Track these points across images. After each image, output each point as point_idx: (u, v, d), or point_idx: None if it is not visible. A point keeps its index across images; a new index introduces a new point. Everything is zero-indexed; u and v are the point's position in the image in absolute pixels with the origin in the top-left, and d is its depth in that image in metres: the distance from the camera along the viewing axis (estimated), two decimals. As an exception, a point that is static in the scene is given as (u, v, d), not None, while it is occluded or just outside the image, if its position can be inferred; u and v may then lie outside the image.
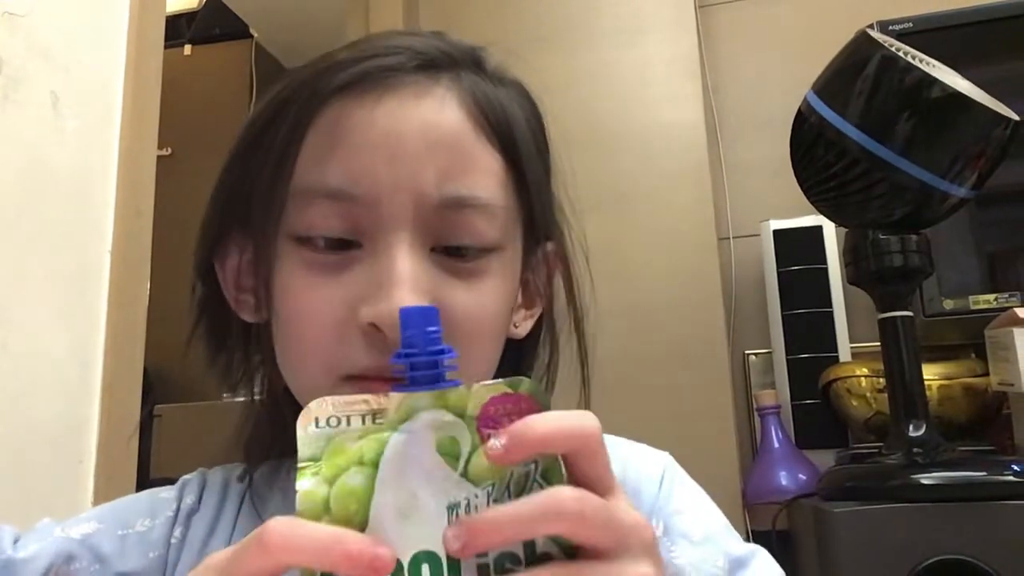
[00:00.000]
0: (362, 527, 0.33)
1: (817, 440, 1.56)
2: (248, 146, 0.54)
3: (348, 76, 0.50)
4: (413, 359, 0.36)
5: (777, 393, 1.62)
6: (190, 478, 0.61)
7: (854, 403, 1.42)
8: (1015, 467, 1.02)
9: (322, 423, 0.35)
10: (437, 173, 0.49)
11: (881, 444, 1.15)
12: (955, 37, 1.47)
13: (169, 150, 2.53)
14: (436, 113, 0.50)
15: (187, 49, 3.01)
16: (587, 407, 0.54)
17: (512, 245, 0.53)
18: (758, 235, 1.73)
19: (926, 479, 1.01)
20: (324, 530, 0.31)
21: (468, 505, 0.33)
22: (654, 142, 1.80)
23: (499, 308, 0.53)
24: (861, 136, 1.02)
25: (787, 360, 1.63)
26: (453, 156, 0.50)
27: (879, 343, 1.12)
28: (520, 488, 0.34)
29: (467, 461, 0.34)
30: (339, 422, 0.35)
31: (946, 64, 1.07)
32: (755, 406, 1.62)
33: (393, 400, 0.35)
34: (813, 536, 1.09)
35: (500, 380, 0.36)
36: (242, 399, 0.63)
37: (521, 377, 0.36)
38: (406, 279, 0.47)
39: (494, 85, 0.55)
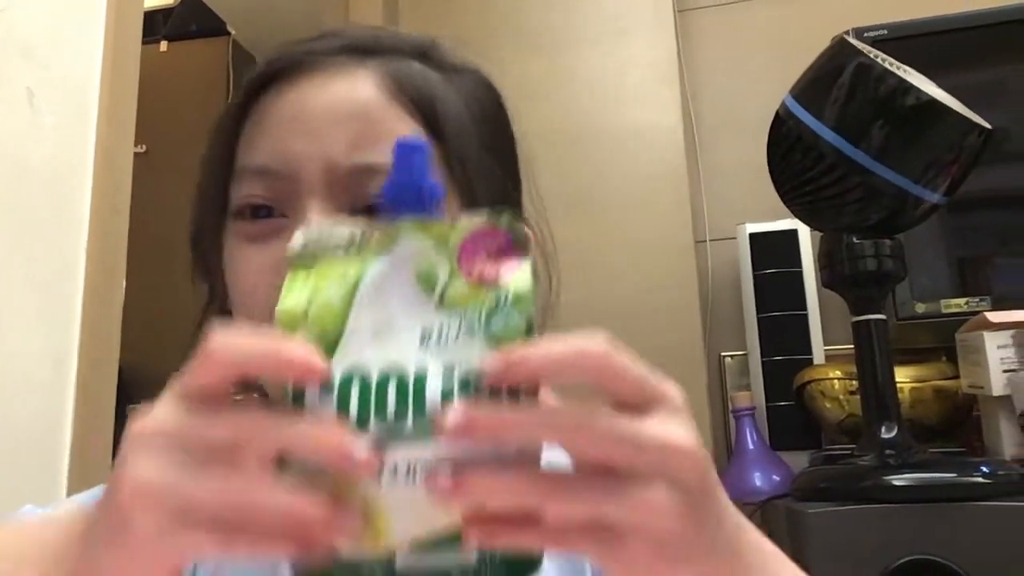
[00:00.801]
0: (335, 343, 0.34)
1: (791, 441, 1.58)
2: (209, 145, 0.59)
3: (278, 64, 0.55)
4: (399, 187, 0.37)
5: (752, 395, 1.63)
6: None
7: (828, 405, 1.43)
8: (984, 468, 1.04)
9: (311, 243, 0.37)
10: (346, 143, 0.52)
11: (854, 446, 1.17)
12: (929, 45, 1.49)
13: (144, 147, 2.51)
14: (347, 89, 0.54)
15: (163, 45, 2.97)
16: None
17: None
18: (734, 238, 1.75)
19: (898, 480, 1.03)
20: (263, 337, 0.33)
21: (440, 331, 0.34)
22: (632, 145, 1.81)
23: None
24: (837, 140, 1.03)
25: (762, 362, 1.64)
26: (362, 126, 0.52)
27: (853, 346, 1.14)
28: (490, 314, 0.35)
29: (443, 290, 0.35)
30: (326, 246, 0.37)
31: (919, 72, 1.09)
32: (730, 407, 1.64)
33: (379, 227, 0.37)
34: (787, 537, 1.10)
35: (482, 215, 0.37)
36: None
37: (502, 211, 0.37)
38: None
39: (438, 72, 0.58)
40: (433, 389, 0.33)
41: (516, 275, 0.36)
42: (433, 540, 0.33)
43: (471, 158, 0.57)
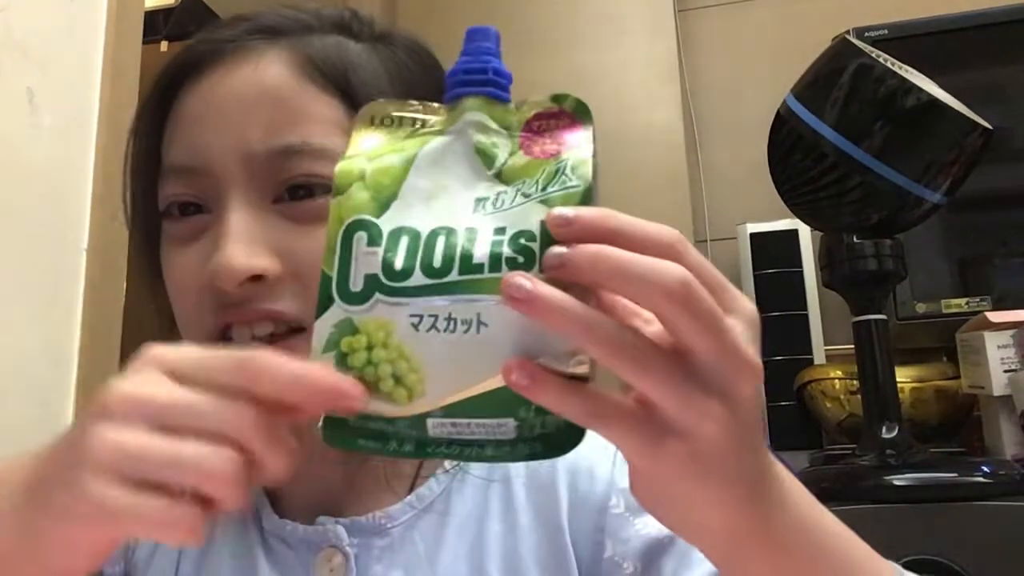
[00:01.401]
0: (389, 200, 0.34)
1: (792, 442, 1.57)
2: (132, 147, 0.59)
3: (186, 56, 0.54)
4: (466, 66, 0.37)
5: (753, 395, 1.63)
6: None
7: (828, 405, 1.43)
8: (985, 468, 1.04)
9: (377, 121, 0.38)
10: (260, 129, 0.50)
11: (855, 446, 1.17)
12: (929, 45, 1.49)
13: (144, 147, 2.50)
14: (253, 73, 0.52)
15: (163, 45, 2.97)
16: None
17: None
18: (735, 238, 1.74)
19: (899, 480, 1.03)
20: (300, 366, 0.32)
21: (496, 199, 0.34)
22: (632, 145, 1.81)
23: None
24: (838, 139, 1.03)
25: (763, 362, 1.64)
26: (275, 109, 0.51)
27: (853, 346, 1.14)
28: (548, 182, 0.34)
29: (503, 163, 0.35)
30: (393, 122, 0.37)
31: (919, 72, 1.09)
32: (731, 408, 1.63)
33: (444, 109, 0.37)
34: (787, 536, 1.10)
35: (547, 96, 0.37)
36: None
37: (568, 94, 0.37)
38: (235, 232, 0.49)
39: (358, 44, 0.56)
40: (483, 246, 0.32)
41: (577, 146, 0.35)
42: (470, 405, 0.32)
43: None
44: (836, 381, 1.42)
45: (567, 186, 0.33)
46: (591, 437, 0.57)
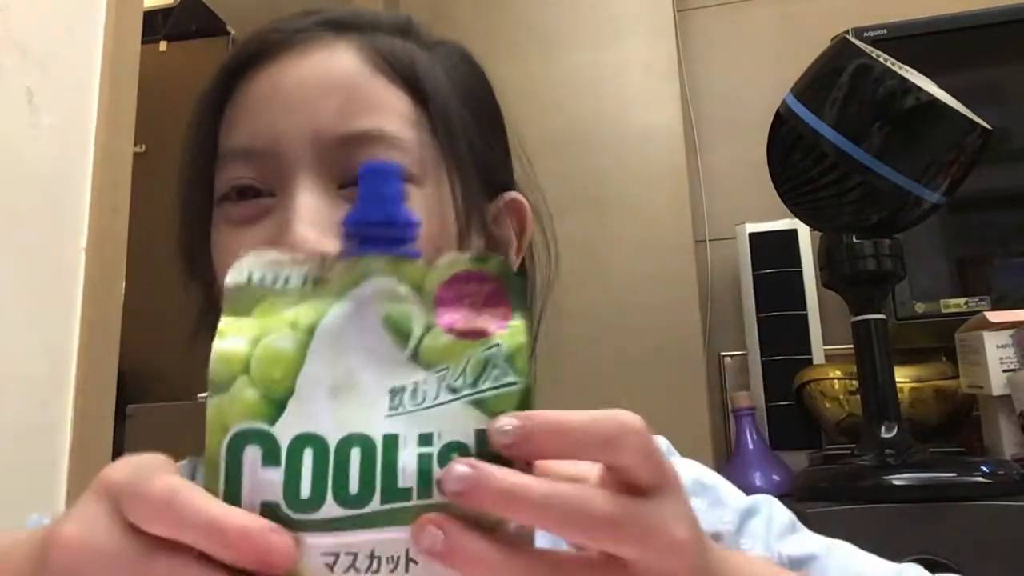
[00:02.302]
0: (285, 398, 0.28)
1: (791, 441, 1.58)
2: (188, 139, 0.57)
3: (254, 45, 0.54)
4: (366, 218, 0.32)
5: (752, 395, 1.63)
6: (182, 464, 0.61)
7: (827, 405, 1.43)
8: (984, 468, 1.04)
9: (255, 279, 0.31)
10: (334, 113, 0.50)
11: (854, 445, 1.17)
12: (929, 45, 1.49)
13: (144, 147, 2.51)
14: (328, 60, 0.52)
15: (163, 45, 2.97)
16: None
17: (434, 185, 0.53)
18: (734, 238, 1.75)
19: (898, 480, 1.03)
20: (209, 506, 0.27)
21: (415, 390, 0.29)
22: (631, 145, 1.81)
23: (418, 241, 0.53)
24: (838, 139, 1.03)
25: (762, 362, 1.64)
26: (349, 96, 0.51)
27: (852, 346, 1.14)
28: (478, 374, 0.29)
29: (418, 341, 0.30)
30: (275, 280, 0.31)
31: (919, 72, 1.09)
32: (730, 407, 1.64)
33: (341, 263, 0.31)
34: (787, 536, 1.10)
35: (467, 254, 0.31)
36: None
37: (492, 254, 0.32)
38: (305, 213, 0.48)
39: (418, 47, 0.56)
40: (408, 462, 0.28)
41: (509, 328, 0.30)
42: None
43: (458, 126, 0.56)
44: (835, 381, 1.43)
45: (502, 383, 0.29)
46: None
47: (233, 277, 0.31)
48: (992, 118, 1.05)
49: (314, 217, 0.48)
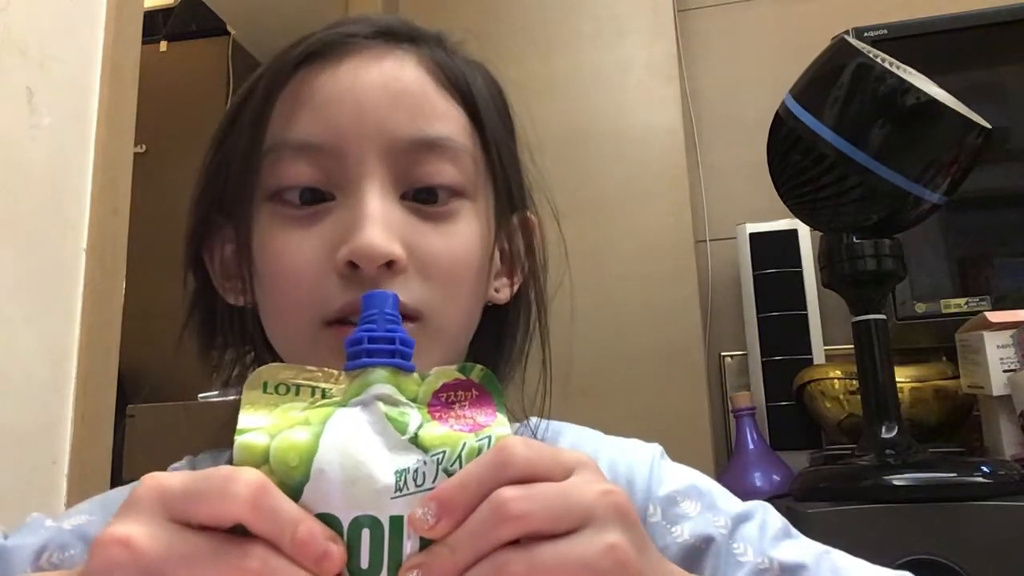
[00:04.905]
0: (301, 484, 0.32)
1: (791, 441, 1.57)
2: (225, 129, 0.57)
3: (310, 45, 0.54)
4: (370, 334, 0.36)
5: (752, 395, 1.63)
6: (179, 465, 0.61)
7: (828, 405, 1.43)
8: (984, 468, 1.04)
9: (270, 388, 0.35)
10: (404, 118, 0.51)
11: (854, 446, 1.17)
12: (929, 45, 1.49)
13: (144, 147, 2.51)
14: (397, 69, 0.53)
15: (163, 45, 2.97)
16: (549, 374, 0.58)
17: (481, 197, 0.55)
18: (734, 238, 1.75)
19: (898, 480, 1.03)
20: (292, 508, 0.31)
21: (417, 472, 0.32)
22: (632, 145, 1.81)
23: (471, 254, 0.54)
24: (837, 140, 1.03)
25: (762, 362, 1.64)
26: (418, 103, 0.52)
27: (852, 346, 1.14)
28: (471, 458, 0.33)
29: (418, 427, 0.34)
30: (288, 391, 0.35)
31: (919, 72, 1.09)
32: (730, 407, 1.63)
33: (346, 376, 0.35)
34: (787, 536, 1.10)
35: (453, 366, 0.36)
36: (218, 399, 0.63)
37: (474, 364, 0.37)
38: (377, 216, 0.49)
39: (461, 62, 0.58)
40: (413, 542, 0.31)
41: (497, 421, 0.35)
42: None
43: (503, 143, 0.57)
44: (836, 381, 1.42)
45: None
46: (627, 448, 0.55)
47: (252, 385, 0.35)
48: (992, 118, 1.05)
49: (382, 219, 0.49)
